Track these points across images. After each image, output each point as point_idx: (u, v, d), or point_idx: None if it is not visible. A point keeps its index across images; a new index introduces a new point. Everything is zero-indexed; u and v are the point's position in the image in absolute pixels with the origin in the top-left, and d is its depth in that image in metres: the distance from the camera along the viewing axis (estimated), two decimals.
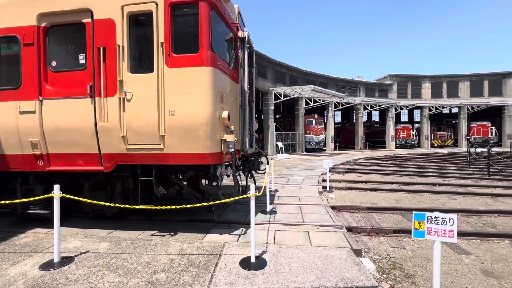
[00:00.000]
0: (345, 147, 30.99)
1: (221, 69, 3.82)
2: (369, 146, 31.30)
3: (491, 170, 10.81)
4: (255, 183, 5.93)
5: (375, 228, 4.30)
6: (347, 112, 42.10)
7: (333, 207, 5.68)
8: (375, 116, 50.52)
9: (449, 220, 2.17)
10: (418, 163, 15.73)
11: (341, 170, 12.40)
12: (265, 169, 5.47)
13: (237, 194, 3.92)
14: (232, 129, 3.98)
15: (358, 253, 3.31)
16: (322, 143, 26.77)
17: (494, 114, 34.06)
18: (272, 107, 22.15)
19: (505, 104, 31.85)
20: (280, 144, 21.99)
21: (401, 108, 33.06)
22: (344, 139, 35.71)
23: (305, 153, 24.03)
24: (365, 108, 30.42)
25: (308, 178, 9.54)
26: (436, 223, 2.19)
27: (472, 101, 33.02)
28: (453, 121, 38.18)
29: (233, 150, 3.80)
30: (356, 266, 2.89)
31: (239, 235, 3.90)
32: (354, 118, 33.00)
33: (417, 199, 6.92)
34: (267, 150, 21.89)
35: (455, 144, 33.71)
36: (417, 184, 8.91)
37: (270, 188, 7.07)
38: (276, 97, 22.08)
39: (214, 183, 4.00)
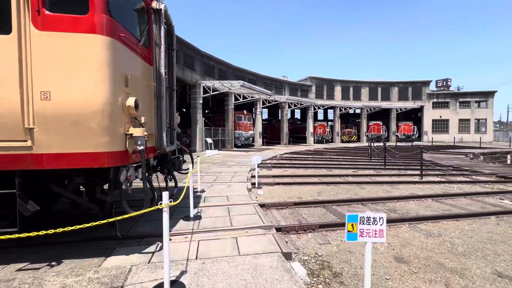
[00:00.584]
0: (272, 143, 32.61)
1: (125, 42, 2.95)
2: (293, 141, 33.85)
3: (386, 161, 13.00)
4: (176, 185, 5.19)
5: (303, 225, 4.26)
6: (273, 109, 44.47)
7: (262, 205, 5.48)
8: (297, 114, 55.28)
9: (379, 219, 2.10)
10: (333, 157, 17.73)
11: (269, 165, 12.68)
12: (188, 169, 4.79)
13: (148, 203, 3.15)
14: (142, 121, 3.16)
15: (288, 256, 3.10)
16: (251, 139, 27.32)
17: (384, 115, 42.15)
18: (201, 101, 21.10)
19: (391, 107, 39.67)
20: (209, 140, 21.21)
21: (318, 108, 36.99)
22: (271, 135, 37.58)
23: (235, 149, 23.97)
24: (289, 106, 32.59)
25: (238, 174, 9.25)
26: (368, 223, 2.09)
27: (370, 104, 39.82)
28: (357, 120, 45.19)
29: (142, 148, 3.00)
30: (288, 275, 2.63)
31: (153, 253, 3.16)
32: (279, 115, 35.03)
33: (335, 190, 7.52)
34: (195, 146, 20.75)
35: (359, 139, 40.03)
36: (334, 176, 9.81)
37: (196, 189, 6.39)
38: (205, 91, 21.12)
39: (118, 190, 3.11)
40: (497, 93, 42.30)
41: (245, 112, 26.80)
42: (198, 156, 7.25)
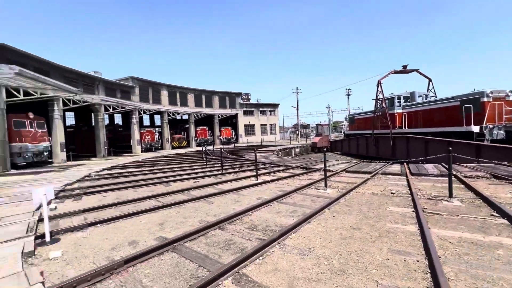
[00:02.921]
0: (84, 156, 24.95)
1: None
2: (115, 152, 27.90)
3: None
4: None
5: None
6: (83, 112, 34.81)
7: None
8: (118, 119, 47.22)
9: None
10: (167, 166, 15.85)
11: (77, 191, 8.70)
12: None
13: None
14: None
15: None
16: (46, 153, 19.10)
17: (209, 121, 45.71)
18: None
19: (214, 113, 43.70)
20: None
21: (144, 112, 33.25)
22: (82, 146, 28.97)
23: (14, 171, 15.55)
24: (106, 110, 26.44)
25: (5, 224, 5.16)
26: None
27: (196, 110, 41.52)
28: (185, 126, 45.77)
29: None
30: None
31: None
32: (93, 121, 27.64)
33: (182, 213, 5.92)
34: None
35: (189, 144, 40.48)
36: (174, 192, 8.12)
37: None
38: None
39: None
40: (280, 105, 58.58)
41: (31, 115, 18.27)
42: None
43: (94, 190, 8.87)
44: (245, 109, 50.49)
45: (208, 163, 16.04)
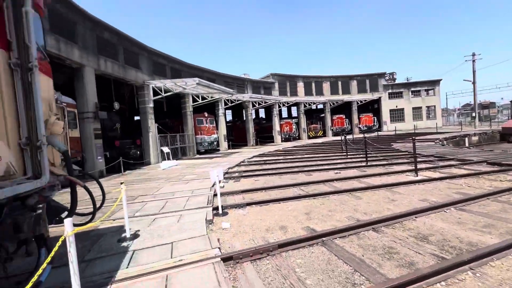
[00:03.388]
0: (238, 145, 30.51)
1: None
2: (260, 141, 32.15)
3: (362, 154, 11.72)
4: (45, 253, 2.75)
5: None
6: (237, 109, 42.43)
7: (228, 259, 3.33)
8: (261, 113, 54.05)
9: None
10: (306, 155, 16.24)
11: (236, 174, 10.52)
12: (91, 213, 2.42)
13: None
14: None
15: None
16: (215, 143, 24.87)
17: (346, 108, 42.72)
18: (151, 105, 18.16)
19: (352, 100, 40.30)
20: (166, 149, 18.30)
21: (283, 105, 35.94)
22: (237, 137, 35.54)
23: (197, 156, 21.34)
24: (253, 106, 30.78)
25: (195, 195, 6.93)
26: None
27: (332, 97, 39.99)
28: (321, 115, 45.35)
29: None
30: None
31: None
32: (244, 116, 33.09)
33: (326, 205, 5.66)
34: (149, 158, 17.75)
35: (324, 134, 39.93)
36: (316, 182, 8.01)
37: (122, 236, 3.97)
38: (156, 93, 18.26)
39: None
40: (441, 81, 45.52)
41: (206, 114, 24.24)
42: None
43: (248, 173, 10.40)
44: (390, 91, 43.22)
45: (348, 153, 14.96)
